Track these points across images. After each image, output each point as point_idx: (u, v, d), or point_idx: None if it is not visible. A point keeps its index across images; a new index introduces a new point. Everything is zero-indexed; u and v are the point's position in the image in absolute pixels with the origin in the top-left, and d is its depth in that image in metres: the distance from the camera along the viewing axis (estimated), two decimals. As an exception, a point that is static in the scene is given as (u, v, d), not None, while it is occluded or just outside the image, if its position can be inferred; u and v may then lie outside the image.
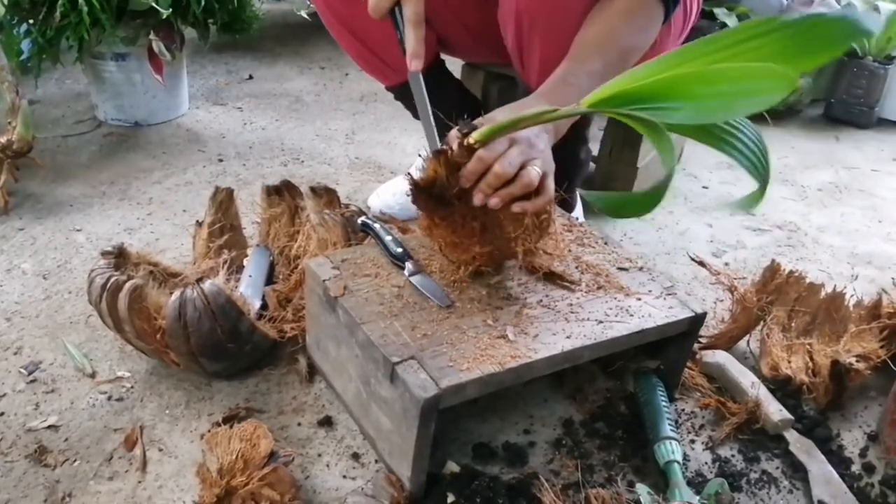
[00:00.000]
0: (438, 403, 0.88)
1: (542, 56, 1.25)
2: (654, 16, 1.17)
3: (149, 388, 1.14)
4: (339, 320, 1.02)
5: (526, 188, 0.95)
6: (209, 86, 2.46)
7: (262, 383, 1.17)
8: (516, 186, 0.94)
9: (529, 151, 0.96)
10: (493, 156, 0.93)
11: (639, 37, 1.16)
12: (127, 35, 1.91)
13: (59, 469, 1.00)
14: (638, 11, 1.14)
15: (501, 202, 0.94)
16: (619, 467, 1.05)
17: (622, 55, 1.13)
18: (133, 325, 1.07)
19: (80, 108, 2.19)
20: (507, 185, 0.94)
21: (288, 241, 1.34)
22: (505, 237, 1.01)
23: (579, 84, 1.06)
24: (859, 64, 2.48)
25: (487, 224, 1.00)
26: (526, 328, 0.98)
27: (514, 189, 0.94)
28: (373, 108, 2.36)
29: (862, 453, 1.12)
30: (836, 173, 2.15)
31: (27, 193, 1.69)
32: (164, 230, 1.58)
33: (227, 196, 1.35)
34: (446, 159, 0.95)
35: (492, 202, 0.94)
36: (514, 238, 1.00)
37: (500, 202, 0.94)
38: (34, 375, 1.16)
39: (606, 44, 1.12)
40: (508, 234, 1.00)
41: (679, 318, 1.05)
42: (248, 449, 0.93)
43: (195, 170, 1.87)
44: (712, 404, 1.16)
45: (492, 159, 0.93)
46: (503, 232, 1.00)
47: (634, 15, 1.14)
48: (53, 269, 1.43)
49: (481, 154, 0.93)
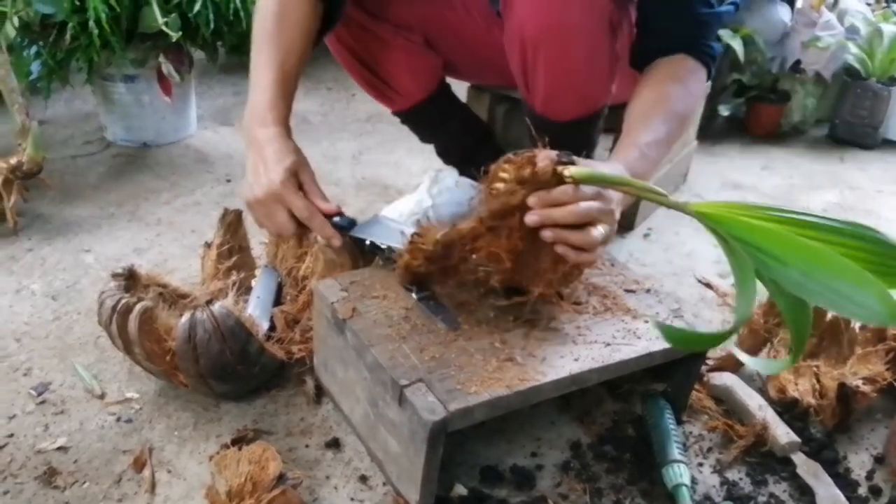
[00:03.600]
0: (447, 426, 0.88)
1: (547, 80, 1.27)
2: (700, 77, 1.22)
3: (157, 410, 1.15)
4: (347, 342, 1.03)
5: (585, 244, 0.94)
6: (217, 106, 2.48)
7: (270, 405, 1.17)
8: (577, 236, 0.93)
9: (607, 215, 0.96)
10: (579, 198, 0.92)
11: (690, 101, 1.20)
12: (136, 57, 1.93)
13: (69, 491, 1.01)
14: (686, 77, 1.19)
15: (554, 240, 0.93)
16: (627, 490, 1.05)
17: (680, 121, 1.17)
18: (143, 347, 1.07)
19: (89, 129, 2.21)
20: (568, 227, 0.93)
21: (296, 262, 1.35)
22: (534, 267, 0.99)
23: (649, 155, 1.10)
24: (863, 85, 2.49)
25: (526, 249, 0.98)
26: (534, 351, 0.99)
27: (573, 237, 0.93)
28: (379, 128, 2.38)
29: (869, 476, 1.12)
30: (841, 194, 2.16)
31: (36, 214, 1.71)
32: (173, 251, 1.59)
33: (236, 218, 1.35)
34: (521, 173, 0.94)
35: (545, 234, 0.93)
36: (542, 276, 0.99)
37: (553, 238, 0.93)
38: (43, 397, 1.16)
39: (665, 113, 1.15)
40: (539, 269, 0.99)
41: (686, 340, 1.05)
42: (257, 471, 0.94)
43: (203, 190, 1.88)
44: (720, 427, 1.16)
45: (575, 201, 0.92)
46: (535, 261, 0.99)
47: (683, 80, 1.18)
48: (62, 289, 1.44)
49: (568, 189, 0.92)
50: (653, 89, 1.17)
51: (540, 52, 1.22)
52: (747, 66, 2.49)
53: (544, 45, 1.21)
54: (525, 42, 1.22)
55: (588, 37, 1.20)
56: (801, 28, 2.49)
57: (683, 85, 1.18)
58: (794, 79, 2.54)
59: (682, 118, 1.18)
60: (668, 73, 1.18)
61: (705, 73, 1.23)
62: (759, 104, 2.55)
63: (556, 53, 1.21)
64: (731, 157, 2.38)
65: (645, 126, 1.12)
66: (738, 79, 2.51)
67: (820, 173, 2.30)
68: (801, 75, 2.52)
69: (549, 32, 1.19)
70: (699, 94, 1.22)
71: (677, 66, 1.19)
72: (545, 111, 1.33)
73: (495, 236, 0.97)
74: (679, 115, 1.17)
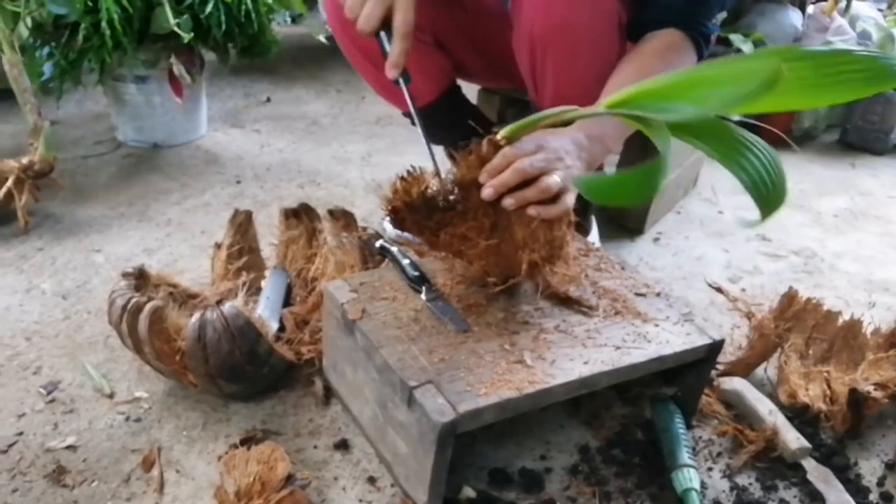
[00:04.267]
0: (456, 428, 0.88)
1: (556, 82, 1.27)
2: (686, 55, 1.20)
3: (166, 409, 1.15)
4: (356, 343, 1.03)
5: (542, 194, 0.94)
6: (227, 108, 2.49)
7: (279, 405, 1.17)
8: (532, 190, 0.94)
9: (555, 161, 0.97)
10: (518, 155, 0.93)
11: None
12: (148, 58, 1.93)
13: (78, 489, 1.01)
14: (670, 52, 1.18)
15: (515, 203, 0.94)
16: (636, 494, 1.04)
17: None
18: (153, 347, 1.07)
19: (100, 130, 2.22)
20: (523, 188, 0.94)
21: (305, 263, 1.35)
22: (513, 243, 0.99)
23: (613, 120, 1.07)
24: (875, 90, 2.48)
25: (498, 224, 0.99)
26: (543, 353, 0.98)
27: (529, 192, 0.94)
28: (389, 131, 2.38)
29: (880, 482, 1.11)
30: (852, 199, 2.15)
31: (47, 214, 1.71)
32: (183, 251, 1.60)
33: (246, 218, 1.36)
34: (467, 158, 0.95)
35: (505, 202, 0.94)
36: (522, 246, 0.99)
37: (514, 203, 0.94)
38: (53, 395, 1.17)
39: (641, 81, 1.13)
40: (517, 240, 0.99)
41: (697, 344, 1.05)
42: (266, 471, 0.94)
43: (213, 191, 1.89)
44: (730, 432, 1.15)
45: (515, 158, 0.93)
46: (512, 236, 0.99)
47: (666, 56, 1.17)
48: (73, 289, 1.44)
49: (506, 151, 0.94)
50: (634, 62, 1.16)
51: (548, 52, 1.22)
52: (758, 70, 2.48)
53: (553, 45, 1.21)
54: (534, 42, 1.22)
55: (596, 37, 1.20)
56: (812, 33, 2.48)
57: (666, 61, 1.16)
58: (805, 84, 2.53)
59: None
60: (653, 47, 1.17)
61: (695, 52, 1.20)
62: (769, 109, 2.54)
63: (564, 53, 1.21)
64: (741, 161, 2.36)
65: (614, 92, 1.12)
66: (748, 83, 2.50)
67: (831, 179, 2.29)
68: (813, 80, 2.51)
69: (558, 32, 1.19)
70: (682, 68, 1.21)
71: (665, 41, 1.18)
72: None
73: (462, 219, 0.98)
74: None
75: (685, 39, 1.18)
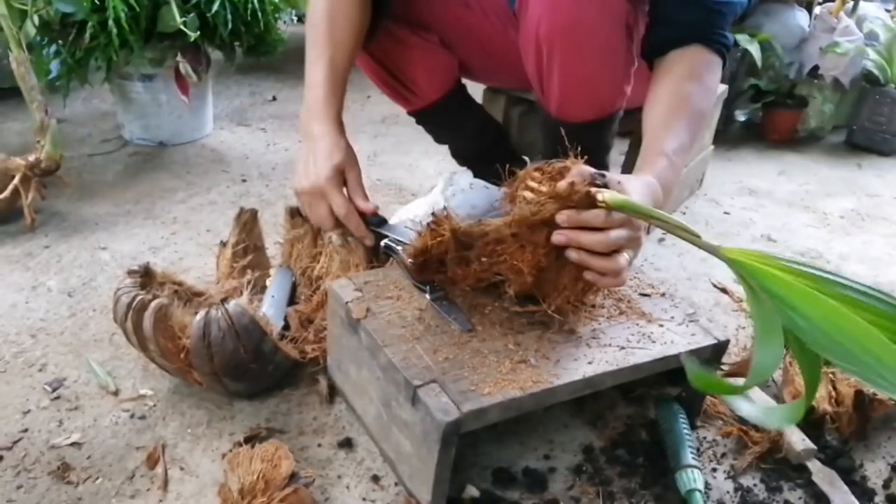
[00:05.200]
0: (460, 427, 0.88)
1: (562, 81, 1.26)
2: (716, 70, 1.19)
3: (171, 407, 1.15)
4: (360, 342, 1.03)
5: (609, 271, 0.94)
6: (233, 107, 2.49)
7: (283, 404, 1.17)
8: (603, 262, 0.93)
9: (634, 241, 0.96)
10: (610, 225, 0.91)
11: (709, 96, 1.18)
12: (154, 56, 1.94)
13: (82, 486, 1.01)
14: (702, 72, 1.16)
15: (579, 261, 0.93)
16: (640, 495, 1.04)
17: (700, 119, 1.15)
18: (157, 344, 1.08)
19: (107, 128, 2.23)
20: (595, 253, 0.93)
21: (310, 262, 1.35)
22: (553, 285, 0.99)
23: (675, 161, 1.08)
24: (881, 92, 2.47)
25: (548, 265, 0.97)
26: (547, 353, 0.98)
27: (599, 263, 0.93)
28: (394, 130, 2.38)
29: (885, 485, 1.10)
30: (858, 200, 2.14)
31: (53, 211, 1.72)
32: (188, 249, 1.60)
33: (251, 217, 1.36)
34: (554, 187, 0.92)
35: (571, 255, 0.93)
36: (560, 291, 0.99)
37: (578, 260, 0.93)
38: (58, 392, 1.17)
39: (685, 114, 1.13)
40: (558, 284, 0.98)
41: (702, 345, 1.05)
42: (270, 469, 0.94)
43: (219, 190, 1.89)
44: (734, 433, 1.15)
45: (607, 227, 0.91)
46: (556, 279, 0.98)
47: (700, 77, 1.16)
48: (78, 286, 1.45)
49: (600, 216, 0.90)
50: (671, 89, 1.14)
51: (555, 52, 1.22)
52: (764, 71, 2.48)
53: (559, 46, 1.21)
54: (540, 42, 1.22)
55: (603, 38, 1.20)
56: (819, 33, 2.48)
57: (701, 82, 1.15)
58: (811, 84, 2.53)
59: (703, 117, 1.16)
60: (684, 69, 1.15)
61: (720, 65, 1.19)
62: (775, 109, 2.53)
63: (570, 54, 1.21)
64: (747, 162, 2.37)
65: (669, 131, 1.10)
66: (755, 84, 2.50)
67: (837, 179, 2.28)
68: (819, 81, 2.51)
69: (565, 33, 1.19)
70: (716, 88, 1.20)
71: (693, 60, 1.16)
72: (560, 113, 1.32)
73: (520, 249, 0.96)
74: (701, 114, 1.15)
75: (710, 53, 1.17)
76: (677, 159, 1.09)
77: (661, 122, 1.12)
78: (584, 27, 1.18)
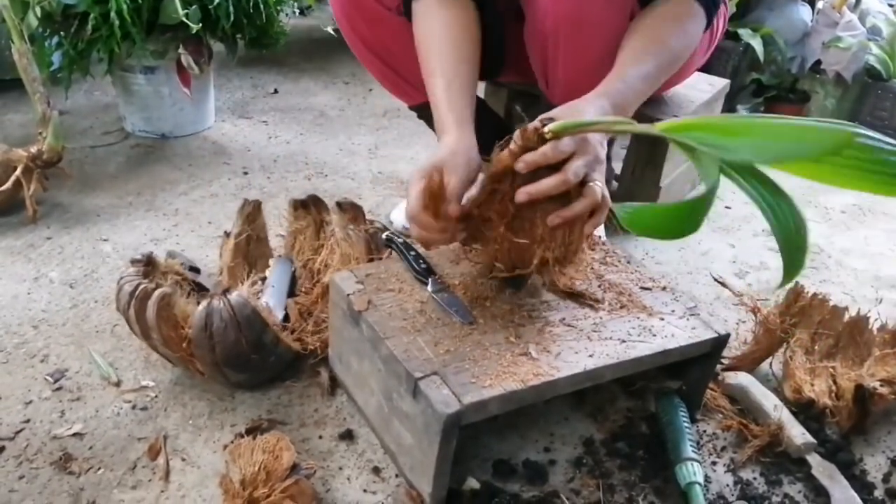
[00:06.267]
0: (460, 419, 0.88)
1: (566, 75, 1.26)
2: (699, 21, 1.20)
3: (173, 398, 1.16)
4: (362, 334, 1.03)
5: (591, 207, 0.94)
6: (235, 99, 2.49)
7: (285, 395, 1.18)
8: (581, 204, 0.93)
9: (595, 164, 0.95)
10: (560, 157, 0.91)
11: (686, 41, 1.18)
12: (156, 49, 1.93)
13: (84, 477, 1.01)
14: (684, 17, 1.17)
15: (558, 221, 0.94)
16: (639, 488, 1.05)
17: (672, 59, 1.16)
18: (160, 333, 1.08)
19: (109, 120, 2.22)
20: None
21: (312, 254, 1.36)
22: (531, 235, 0.97)
23: (634, 85, 1.08)
24: (884, 87, 2.47)
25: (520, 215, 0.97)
26: (548, 346, 0.99)
27: (572, 211, 0.93)
28: (396, 123, 2.38)
29: (885, 479, 1.11)
30: (860, 195, 2.14)
31: (55, 203, 1.72)
32: (190, 241, 1.60)
33: (255, 208, 1.36)
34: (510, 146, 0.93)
35: (553, 220, 0.93)
36: (539, 241, 0.97)
37: (558, 221, 0.94)
38: (60, 383, 1.17)
39: (657, 48, 1.14)
40: (535, 234, 0.97)
41: (702, 338, 1.05)
42: (271, 461, 0.94)
43: (220, 182, 1.89)
44: (734, 426, 1.15)
45: (557, 159, 0.91)
46: (531, 228, 0.97)
47: (681, 20, 1.17)
48: (80, 278, 1.45)
49: (546, 149, 0.90)
50: (649, 25, 1.15)
51: (560, 44, 1.22)
52: (767, 65, 2.48)
53: (565, 38, 1.21)
54: (546, 34, 1.22)
55: (609, 30, 1.20)
56: (822, 28, 2.47)
57: (680, 24, 1.16)
58: (814, 79, 2.53)
59: (675, 55, 1.16)
60: (666, 12, 1.16)
61: (705, 19, 1.20)
62: (777, 104, 2.53)
63: (576, 45, 1.21)
64: (749, 157, 2.36)
65: (634, 59, 1.11)
66: (757, 78, 2.50)
67: (839, 175, 2.28)
68: (822, 76, 2.51)
69: (571, 24, 1.19)
70: (696, 35, 1.20)
71: (677, 6, 1.17)
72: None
73: (490, 201, 0.97)
74: (672, 51, 1.15)
75: (696, 5, 1.18)
76: (636, 83, 1.09)
77: (628, 51, 1.13)
78: (590, 19, 1.18)
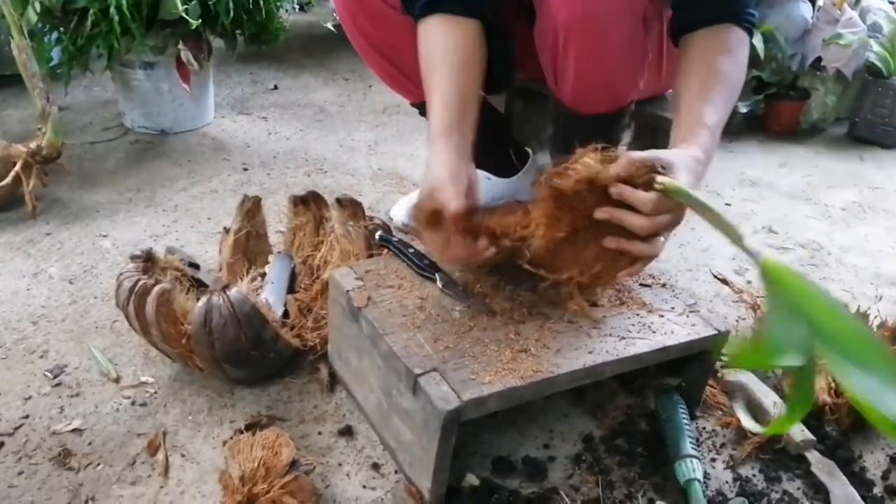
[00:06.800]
0: (460, 416, 0.88)
1: (577, 71, 1.26)
2: (745, 47, 1.18)
3: (172, 394, 1.16)
4: (361, 331, 1.03)
5: (646, 257, 0.96)
6: (235, 95, 2.49)
7: (284, 391, 1.18)
8: (640, 246, 0.95)
9: (673, 228, 0.97)
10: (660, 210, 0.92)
11: (741, 73, 1.17)
12: (156, 44, 1.93)
13: (83, 472, 1.01)
14: (734, 47, 1.15)
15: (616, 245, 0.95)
16: (639, 484, 1.05)
17: (735, 94, 1.15)
18: (160, 329, 1.08)
19: (108, 116, 2.23)
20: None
21: (312, 250, 1.35)
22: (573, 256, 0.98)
23: (716, 133, 1.07)
24: (884, 84, 2.46)
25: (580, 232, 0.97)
26: (548, 343, 0.99)
27: (636, 247, 0.95)
28: (395, 119, 2.38)
29: (884, 476, 1.11)
30: (860, 193, 2.14)
31: (55, 199, 1.72)
32: (190, 237, 1.60)
33: (255, 204, 1.36)
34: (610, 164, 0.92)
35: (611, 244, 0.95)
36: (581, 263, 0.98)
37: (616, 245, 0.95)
38: (59, 379, 1.17)
39: (725, 87, 1.12)
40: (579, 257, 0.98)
41: (702, 335, 1.05)
42: (270, 457, 0.94)
43: (220, 178, 1.89)
44: (734, 423, 1.15)
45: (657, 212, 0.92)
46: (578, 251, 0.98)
47: (732, 52, 1.15)
48: (80, 273, 1.45)
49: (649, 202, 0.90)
50: (705, 63, 1.13)
51: (571, 42, 1.21)
52: (767, 62, 2.47)
53: (576, 35, 1.20)
54: (557, 32, 1.22)
55: (621, 29, 1.19)
56: (822, 25, 2.47)
57: (733, 57, 1.15)
58: (814, 76, 2.52)
59: (737, 92, 1.16)
60: (717, 45, 1.14)
61: (749, 41, 1.19)
62: (778, 101, 2.53)
63: (588, 44, 1.20)
64: (749, 153, 2.36)
65: (708, 104, 1.09)
66: (757, 75, 2.49)
67: (839, 172, 2.28)
68: (822, 73, 2.50)
69: (583, 22, 1.18)
70: (745, 63, 1.19)
71: (725, 37, 1.15)
72: (573, 104, 1.32)
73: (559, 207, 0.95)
74: (735, 88, 1.15)
75: (740, 30, 1.16)
76: (717, 132, 1.09)
77: (697, 95, 1.10)
78: (603, 17, 1.17)
